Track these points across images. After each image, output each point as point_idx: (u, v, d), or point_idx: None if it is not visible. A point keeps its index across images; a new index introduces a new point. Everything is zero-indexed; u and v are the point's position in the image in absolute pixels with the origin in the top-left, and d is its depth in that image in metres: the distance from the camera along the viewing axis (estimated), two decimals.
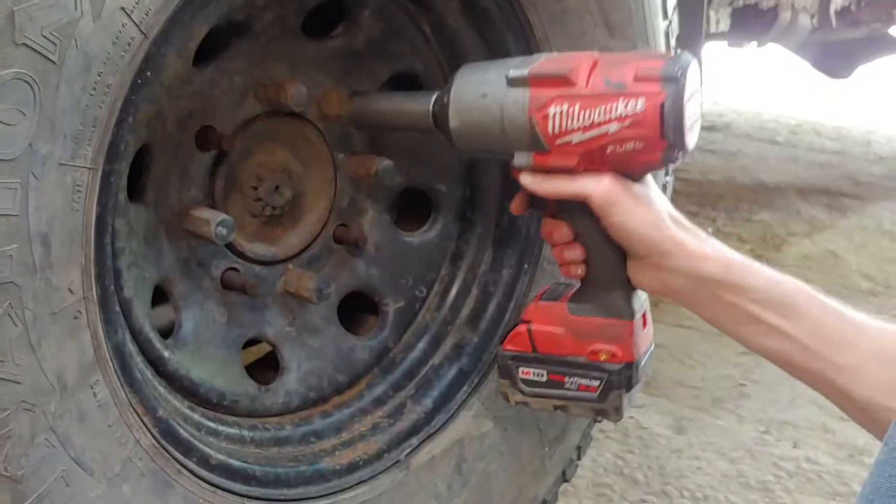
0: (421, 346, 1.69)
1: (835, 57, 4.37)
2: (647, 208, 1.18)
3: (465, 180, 1.72)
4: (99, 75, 1.04)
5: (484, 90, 1.21)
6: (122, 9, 1.03)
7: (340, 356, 1.63)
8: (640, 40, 1.61)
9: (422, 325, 1.71)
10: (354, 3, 1.50)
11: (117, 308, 1.21)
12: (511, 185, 1.68)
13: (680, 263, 1.17)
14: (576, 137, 1.15)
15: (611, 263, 1.23)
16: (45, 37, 0.97)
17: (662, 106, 1.10)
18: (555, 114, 1.15)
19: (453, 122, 1.25)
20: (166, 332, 1.42)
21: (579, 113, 1.14)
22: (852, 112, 6.44)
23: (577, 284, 1.31)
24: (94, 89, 1.04)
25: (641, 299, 1.29)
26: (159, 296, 1.42)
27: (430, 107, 1.30)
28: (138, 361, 1.27)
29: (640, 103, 1.11)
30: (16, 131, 0.98)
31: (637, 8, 1.59)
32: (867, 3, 3.17)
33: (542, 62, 1.21)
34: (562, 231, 1.27)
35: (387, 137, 1.62)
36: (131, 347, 1.25)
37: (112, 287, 1.19)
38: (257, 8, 1.36)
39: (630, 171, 1.19)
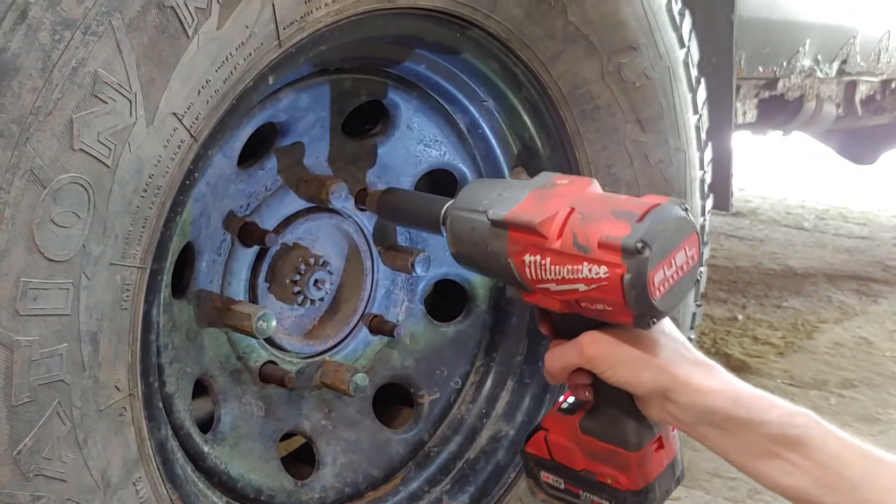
0: (457, 439, 1.69)
1: (859, 143, 4.40)
2: (643, 354, 1.14)
3: None
4: (150, 177, 1.07)
5: (472, 224, 1.22)
6: (174, 114, 1.07)
7: (376, 450, 1.62)
8: (672, 134, 1.64)
9: (457, 418, 1.71)
10: (392, 103, 1.54)
11: (160, 404, 1.22)
12: None
13: (686, 400, 1.13)
14: (552, 287, 1.14)
15: (617, 396, 1.20)
16: (100, 142, 1.01)
17: (622, 279, 1.06)
18: (530, 262, 1.15)
19: (450, 246, 1.28)
20: (204, 425, 1.43)
21: (550, 266, 1.13)
22: (878, 197, 6.44)
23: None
24: (146, 191, 1.07)
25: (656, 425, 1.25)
26: (197, 388, 1.43)
27: (441, 216, 1.31)
28: (179, 457, 1.28)
29: (603, 272, 1.08)
30: (70, 233, 1.01)
31: (668, 104, 1.62)
32: (892, 91, 3.21)
33: (524, 203, 1.18)
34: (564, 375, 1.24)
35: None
36: (172, 443, 1.26)
37: (156, 383, 1.20)
38: (300, 110, 1.41)
39: (607, 322, 1.16)
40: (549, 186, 1.20)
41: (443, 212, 1.30)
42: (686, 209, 1.13)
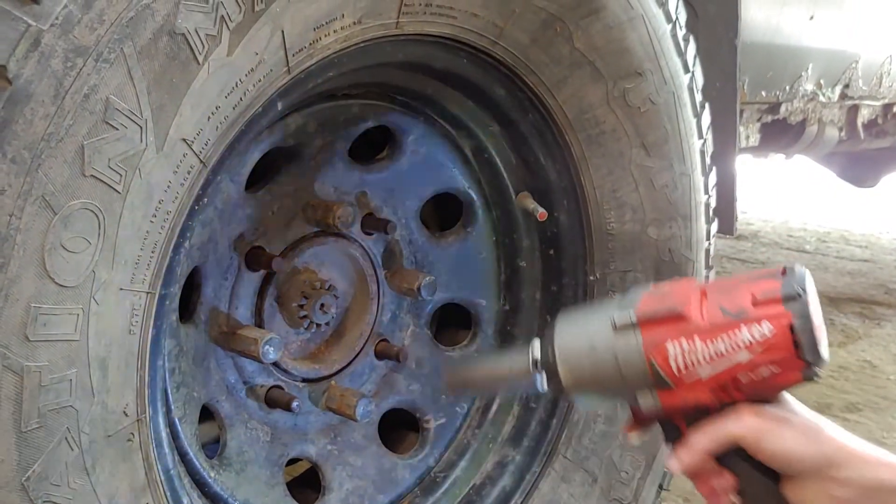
0: (462, 464, 1.68)
1: (860, 167, 4.41)
2: (799, 425, 1.08)
3: (506, 295, 1.73)
4: (160, 203, 1.07)
5: (591, 341, 1.14)
6: (184, 140, 1.07)
7: (381, 475, 1.62)
8: (677, 158, 1.65)
9: (463, 443, 1.70)
10: (399, 128, 1.55)
11: (167, 429, 1.22)
12: (551, 298, 1.70)
13: (853, 474, 1.05)
14: (704, 371, 1.08)
15: (765, 487, 1.11)
16: (111, 168, 1.01)
17: (792, 326, 1.04)
18: (675, 353, 1.08)
19: (566, 378, 1.15)
20: (209, 450, 1.43)
21: (702, 347, 1.07)
22: (880, 220, 6.44)
23: None
24: (155, 216, 1.07)
25: None
26: (203, 413, 1.43)
27: (531, 365, 1.19)
28: (185, 483, 1.27)
29: (767, 328, 1.05)
30: (80, 258, 1.01)
31: (673, 128, 1.63)
32: (893, 115, 3.22)
33: (644, 301, 1.13)
34: (704, 461, 1.13)
35: (429, 253, 1.65)
36: (179, 469, 1.25)
37: (163, 408, 1.20)
38: (308, 135, 1.41)
39: (767, 395, 1.11)
40: (657, 289, 1.16)
41: (530, 356, 1.19)
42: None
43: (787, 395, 1.13)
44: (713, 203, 1.78)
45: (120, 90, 0.99)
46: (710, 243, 1.79)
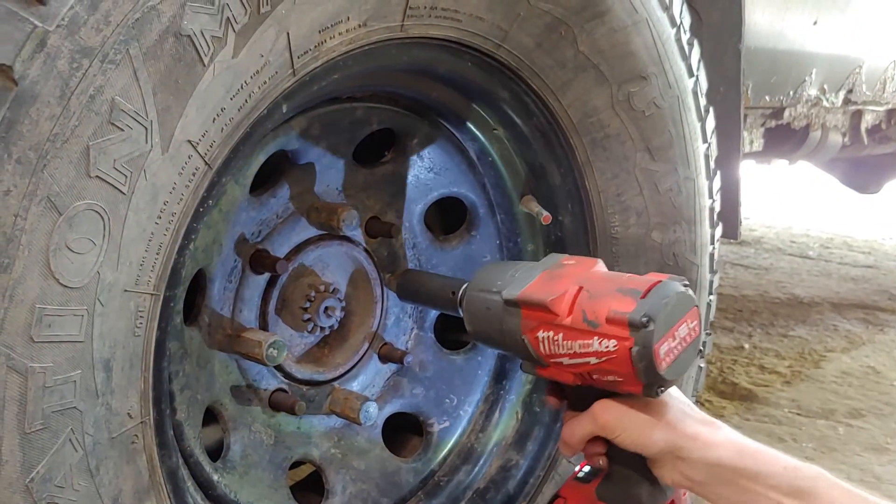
0: (466, 468, 1.68)
1: (863, 173, 4.40)
2: (652, 416, 1.20)
3: None
4: (165, 204, 1.07)
5: (487, 304, 1.29)
6: (189, 141, 1.07)
7: (385, 479, 1.61)
8: (681, 163, 1.65)
9: (466, 447, 1.70)
10: (403, 131, 1.55)
11: (171, 432, 1.22)
12: None
13: (694, 455, 1.17)
14: (565, 361, 1.20)
15: (631, 460, 1.24)
16: (116, 169, 1.01)
17: (630, 351, 1.13)
18: (543, 338, 1.22)
19: (467, 325, 1.35)
20: (213, 453, 1.42)
21: (563, 342, 1.20)
22: (883, 226, 6.44)
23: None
24: (160, 218, 1.07)
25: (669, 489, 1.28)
26: (207, 416, 1.42)
27: (458, 297, 1.40)
28: (189, 486, 1.27)
29: (612, 345, 1.15)
30: (85, 260, 1.01)
31: (677, 132, 1.63)
32: None
33: (535, 282, 1.25)
34: (582, 445, 1.29)
35: (434, 258, 1.65)
36: (183, 471, 1.25)
37: (167, 411, 1.20)
38: (312, 138, 1.41)
39: (618, 393, 1.22)
40: (557, 267, 1.27)
41: (459, 293, 1.39)
42: (686, 285, 1.20)
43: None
44: (717, 208, 1.78)
45: (125, 91, 0.99)
46: (714, 248, 1.79)
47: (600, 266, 1.27)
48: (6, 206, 0.93)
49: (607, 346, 1.15)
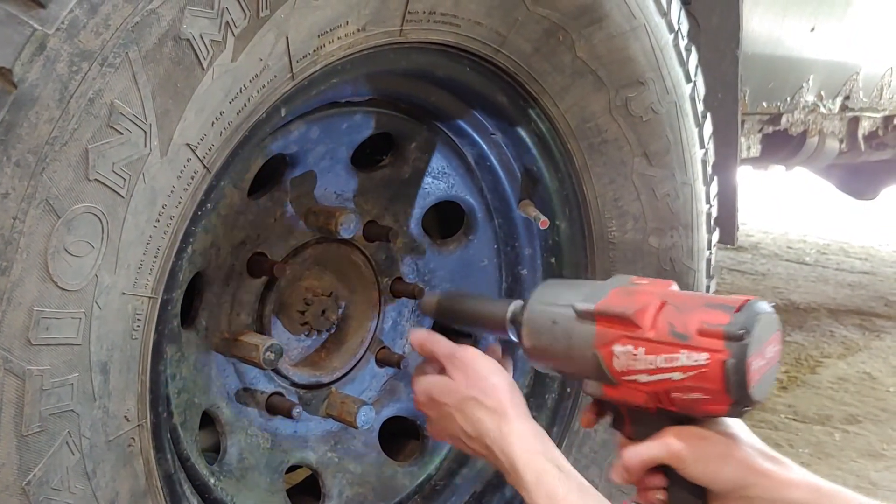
0: (463, 472, 1.67)
1: (860, 179, 4.41)
2: (725, 449, 1.15)
3: None
4: (163, 208, 1.07)
5: (554, 317, 1.23)
6: (188, 145, 1.08)
7: (382, 483, 1.61)
8: (678, 168, 1.65)
9: (463, 451, 1.69)
10: (401, 136, 1.55)
11: (168, 435, 1.22)
12: None
13: (766, 494, 1.12)
14: (642, 378, 1.14)
15: (692, 495, 1.17)
16: (115, 172, 1.01)
17: (725, 364, 1.08)
18: (620, 353, 1.15)
19: (526, 341, 1.28)
20: (209, 456, 1.42)
21: (644, 356, 1.13)
22: (879, 232, 6.45)
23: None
24: (158, 221, 1.07)
25: None
26: (204, 419, 1.42)
27: (507, 316, 1.32)
28: (186, 489, 1.27)
29: (703, 358, 1.10)
30: (83, 263, 1.01)
31: (675, 138, 1.63)
32: (894, 127, 3.22)
33: (609, 296, 1.19)
34: (640, 475, 1.21)
35: (432, 262, 1.65)
36: (180, 475, 1.25)
37: (164, 414, 1.20)
38: (310, 142, 1.41)
39: (698, 417, 1.16)
40: (630, 284, 1.21)
41: (510, 310, 1.31)
42: (773, 306, 1.15)
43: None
44: (714, 213, 1.78)
45: (125, 95, 0.99)
46: (711, 253, 1.79)
47: (675, 286, 1.22)
48: (5, 209, 0.93)
49: (697, 360, 1.09)
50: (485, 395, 1.27)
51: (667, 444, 1.15)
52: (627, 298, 1.18)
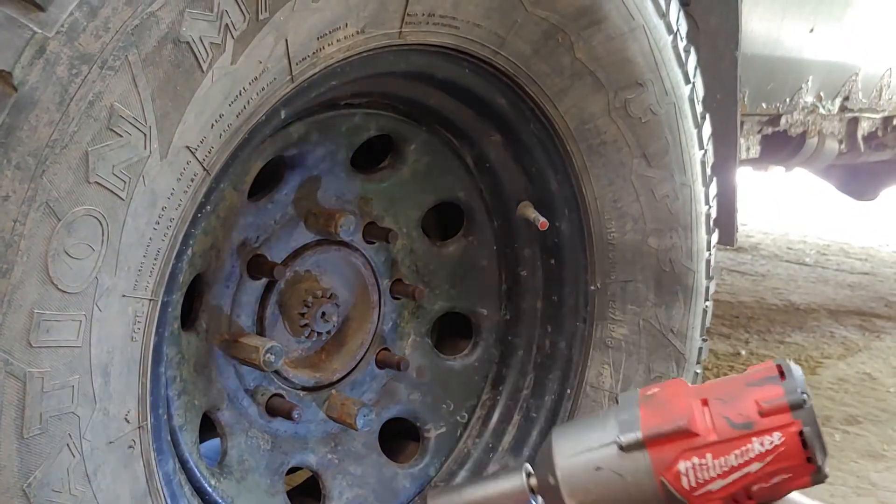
0: (463, 473, 1.68)
1: (860, 180, 4.41)
2: None
3: (507, 304, 1.74)
4: (163, 210, 1.07)
5: (596, 463, 1.14)
6: (188, 147, 1.08)
7: (382, 484, 1.61)
8: (678, 169, 1.65)
9: (463, 452, 1.70)
10: (401, 137, 1.55)
11: (168, 437, 1.22)
12: (552, 308, 1.71)
13: None
14: (716, 485, 1.09)
15: None
16: (115, 175, 1.01)
17: (802, 434, 1.06)
18: (686, 469, 1.10)
19: (571, 501, 1.17)
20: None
21: (713, 461, 1.09)
22: (879, 233, 6.45)
23: None
24: (158, 223, 1.07)
25: None
26: (204, 421, 1.43)
27: (526, 487, 1.22)
28: (186, 491, 1.27)
29: (777, 438, 1.07)
30: (84, 265, 1.01)
31: (674, 139, 1.63)
32: (893, 127, 3.23)
33: (646, 417, 1.12)
34: None
35: (431, 263, 1.65)
36: (180, 476, 1.25)
37: (164, 416, 1.20)
38: (310, 144, 1.42)
39: (776, 499, 1.13)
40: (651, 398, 1.16)
41: (525, 481, 1.21)
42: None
43: (792, 494, 1.14)
44: (714, 214, 1.78)
45: (124, 97, 1.00)
46: (710, 254, 1.79)
47: (688, 383, 1.17)
48: (5, 212, 0.94)
49: (772, 443, 1.07)
50: None
51: None
52: (663, 412, 1.12)
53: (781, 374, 1.09)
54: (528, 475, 1.20)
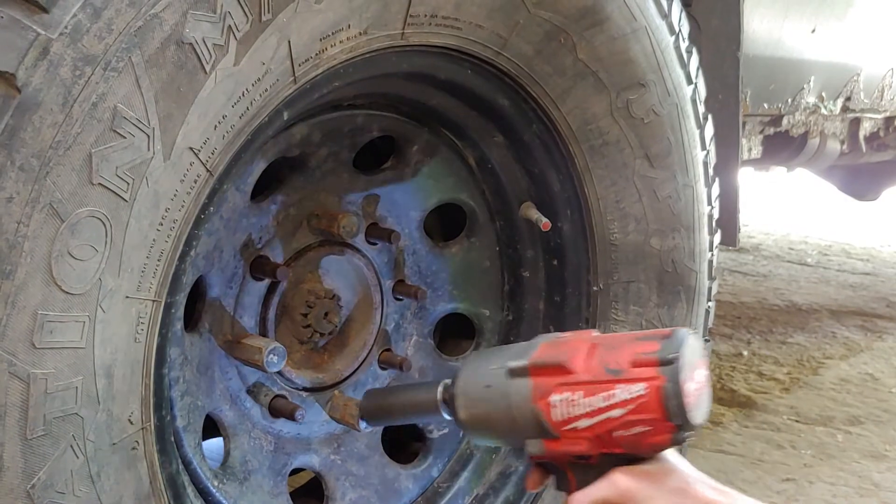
0: (465, 474, 1.68)
1: (861, 180, 4.41)
2: (674, 484, 1.14)
3: (509, 305, 1.74)
4: (166, 211, 1.08)
5: (487, 381, 1.21)
6: (191, 148, 1.08)
7: (385, 485, 1.61)
8: (680, 170, 1.66)
9: (466, 453, 1.70)
10: (403, 138, 1.55)
11: (171, 438, 1.22)
12: (554, 309, 1.71)
13: None
14: (582, 423, 1.14)
15: None
16: (118, 176, 1.02)
17: (662, 389, 1.10)
18: (558, 401, 1.15)
19: (462, 413, 1.24)
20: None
21: (582, 399, 1.14)
22: (881, 233, 6.45)
23: None
24: (161, 224, 1.08)
25: None
26: (207, 422, 1.43)
27: (439, 397, 1.28)
28: (189, 492, 1.27)
29: (640, 388, 1.11)
30: (87, 266, 1.01)
31: (676, 140, 1.63)
32: (895, 128, 3.23)
33: (540, 349, 1.20)
34: None
35: (433, 264, 1.65)
36: (183, 478, 1.25)
37: (167, 417, 1.20)
38: (313, 145, 1.42)
39: (642, 453, 1.17)
40: (555, 338, 1.22)
41: (439, 390, 1.27)
42: (695, 333, 1.17)
43: (665, 452, 1.18)
44: (716, 214, 1.78)
45: (128, 99, 1.00)
46: (712, 254, 1.79)
47: (597, 332, 1.23)
48: (9, 213, 0.94)
49: (635, 391, 1.10)
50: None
51: (615, 483, 1.13)
52: (556, 348, 1.18)
53: (667, 336, 1.13)
54: (445, 387, 1.27)
